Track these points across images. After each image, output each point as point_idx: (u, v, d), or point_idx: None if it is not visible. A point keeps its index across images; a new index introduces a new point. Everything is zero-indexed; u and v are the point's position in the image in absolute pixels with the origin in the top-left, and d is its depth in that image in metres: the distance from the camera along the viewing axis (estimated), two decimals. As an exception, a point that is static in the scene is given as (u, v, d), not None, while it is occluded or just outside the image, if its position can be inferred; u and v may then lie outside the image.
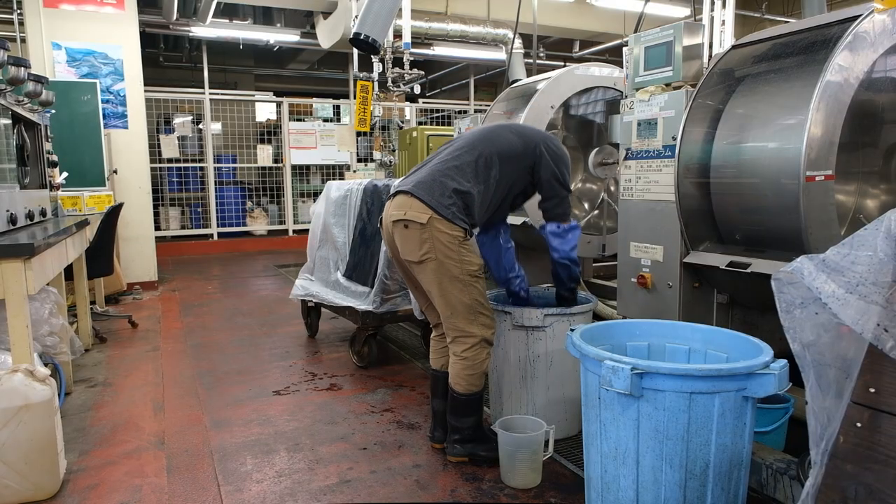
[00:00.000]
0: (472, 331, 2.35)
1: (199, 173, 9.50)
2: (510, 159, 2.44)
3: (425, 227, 2.26)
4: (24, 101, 3.35)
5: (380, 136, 6.83)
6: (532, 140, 2.50)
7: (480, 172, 2.39)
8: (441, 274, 2.30)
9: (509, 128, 2.56)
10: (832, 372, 1.29)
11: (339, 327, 4.59)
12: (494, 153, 2.42)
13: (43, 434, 2.22)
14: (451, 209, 2.28)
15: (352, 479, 2.35)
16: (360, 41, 4.24)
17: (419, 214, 2.27)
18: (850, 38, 2.04)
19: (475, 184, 2.36)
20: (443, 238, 2.26)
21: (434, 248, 2.27)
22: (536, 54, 7.89)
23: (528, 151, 2.47)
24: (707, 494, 1.68)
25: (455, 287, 2.31)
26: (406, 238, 2.32)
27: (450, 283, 2.31)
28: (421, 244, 2.28)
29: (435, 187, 2.30)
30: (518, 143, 2.47)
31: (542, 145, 2.47)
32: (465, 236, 2.32)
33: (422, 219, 2.26)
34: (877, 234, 1.20)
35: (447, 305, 2.34)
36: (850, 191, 2.42)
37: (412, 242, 2.30)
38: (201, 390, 3.35)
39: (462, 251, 2.30)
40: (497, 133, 2.51)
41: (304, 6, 8.37)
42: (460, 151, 2.42)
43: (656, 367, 1.62)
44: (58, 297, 3.38)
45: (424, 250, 2.28)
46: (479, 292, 2.35)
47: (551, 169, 2.46)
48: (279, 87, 12.07)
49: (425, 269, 2.31)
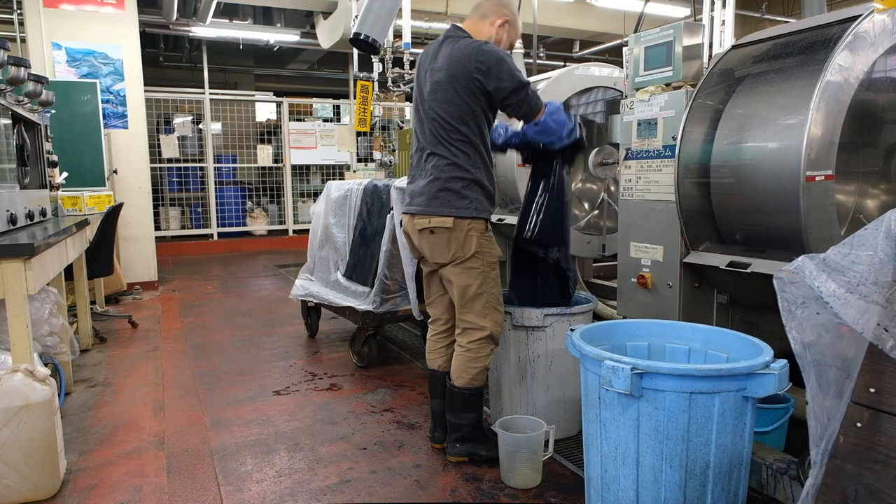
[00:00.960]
0: (483, 324, 2.38)
1: (199, 173, 9.50)
2: (461, 114, 2.32)
3: (451, 230, 2.33)
4: (24, 101, 3.35)
5: (380, 136, 6.83)
6: (460, 74, 2.30)
7: (461, 142, 2.33)
8: (467, 268, 2.36)
9: (433, 88, 2.36)
10: (832, 372, 1.29)
11: (339, 327, 4.59)
12: (449, 122, 2.32)
13: (43, 434, 2.22)
14: (470, 207, 2.32)
15: (352, 479, 2.35)
16: (360, 41, 4.24)
17: (444, 220, 2.34)
18: (850, 38, 2.04)
19: (469, 162, 2.33)
20: (468, 235, 2.33)
21: (462, 247, 2.34)
22: (536, 54, 7.88)
23: (466, 93, 2.30)
24: (707, 494, 1.68)
25: (477, 279, 2.36)
26: (434, 243, 2.38)
27: (473, 277, 2.36)
28: (449, 246, 2.35)
29: (440, 191, 2.33)
30: (453, 96, 2.31)
31: (473, 73, 2.28)
32: (486, 226, 2.38)
33: (447, 223, 2.33)
34: (877, 234, 1.20)
35: (464, 297, 2.38)
36: (850, 191, 2.43)
37: (440, 246, 2.36)
38: (201, 390, 3.35)
39: (484, 243, 2.36)
40: (431, 106, 2.36)
41: (304, 6, 8.36)
42: (431, 146, 2.37)
43: (656, 367, 1.62)
44: (58, 297, 3.38)
45: (453, 250, 2.35)
46: (496, 285, 2.40)
47: (494, 84, 2.28)
48: (279, 87, 12.07)
49: (455, 267, 2.38)
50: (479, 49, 2.28)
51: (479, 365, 2.41)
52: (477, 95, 2.31)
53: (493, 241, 2.42)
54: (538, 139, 2.48)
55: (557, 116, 2.41)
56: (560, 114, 2.43)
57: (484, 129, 2.38)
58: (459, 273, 2.37)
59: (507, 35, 2.46)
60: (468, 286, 2.37)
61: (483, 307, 2.38)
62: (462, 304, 2.40)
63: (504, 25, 2.44)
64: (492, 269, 2.39)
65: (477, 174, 2.35)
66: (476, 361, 2.40)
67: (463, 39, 2.35)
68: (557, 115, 2.42)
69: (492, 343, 2.42)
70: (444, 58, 2.35)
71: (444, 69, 2.33)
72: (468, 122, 2.33)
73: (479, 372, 2.41)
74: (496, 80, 2.28)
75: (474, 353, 2.40)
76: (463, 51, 2.30)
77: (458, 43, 2.34)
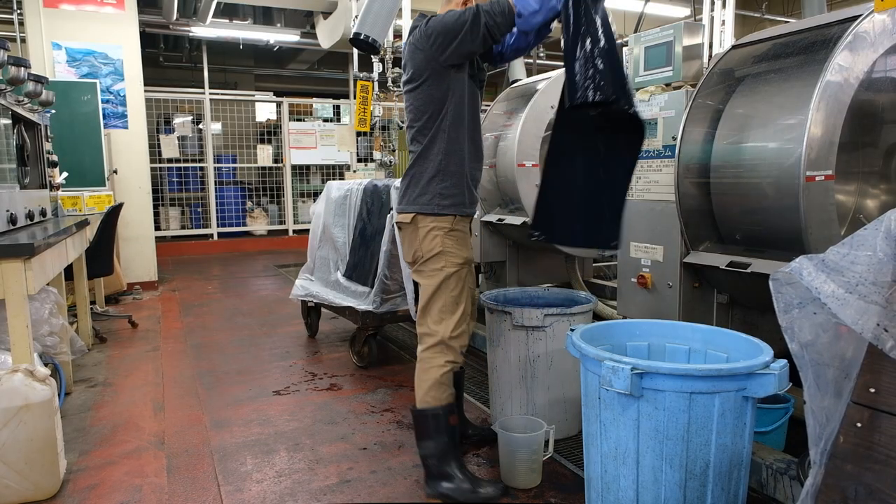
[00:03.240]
0: (435, 328, 2.16)
1: (199, 173, 9.50)
2: (421, 104, 2.14)
3: (410, 225, 2.19)
4: (24, 101, 3.35)
5: (380, 136, 6.84)
6: (414, 61, 2.12)
7: (428, 132, 2.13)
8: (427, 269, 2.18)
9: (404, 89, 2.22)
10: (830, 371, 1.29)
11: (339, 327, 4.59)
12: (413, 114, 2.16)
13: (43, 434, 2.22)
14: (431, 200, 2.13)
15: (352, 479, 2.35)
16: (360, 41, 4.24)
17: (405, 216, 2.21)
18: (850, 38, 2.04)
19: (434, 150, 2.13)
20: (427, 233, 2.15)
21: (421, 246, 2.17)
22: (536, 54, 7.88)
23: (423, 74, 2.10)
24: (707, 494, 1.68)
25: (433, 280, 2.16)
26: (402, 240, 2.30)
27: (430, 278, 2.17)
28: (410, 244, 2.22)
29: (408, 187, 2.21)
30: (413, 88, 2.15)
31: (425, 51, 2.07)
32: (453, 223, 2.15)
33: (407, 219, 2.20)
34: (877, 234, 1.20)
35: (424, 299, 2.19)
36: (850, 191, 2.42)
37: (405, 244, 2.26)
38: (201, 390, 3.35)
39: (447, 242, 2.14)
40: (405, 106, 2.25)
41: (304, 6, 8.36)
42: (409, 145, 2.24)
43: (656, 367, 1.62)
44: (58, 297, 3.38)
45: (413, 249, 2.20)
46: (458, 289, 2.16)
47: (438, 41, 2.04)
48: (279, 87, 12.06)
49: (419, 268, 2.23)
50: (425, 25, 2.08)
51: (430, 377, 2.12)
52: (438, 71, 2.08)
53: (461, 241, 2.20)
54: (529, 26, 2.04)
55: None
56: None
57: (454, 109, 2.13)
58: (420, 275, 2.21)
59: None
60: (426, 287, 2.18)
61: (439, 311, 2.15)
62: (421, 307, 2.20)
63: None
64: (457, 270, 2.16)
65: (445, 162, 2.14)
66: (427, 373, 2.14)
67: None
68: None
69: (446, 353, 2.14)
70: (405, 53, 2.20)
71: (405, 63, 2.20)
72: (429, 109, 2.13)
73: (430, 386, 2.12)
74: (439, 38, 2.03)
75: (425, 364, 2.15)
76: (413, 36, 2.13)
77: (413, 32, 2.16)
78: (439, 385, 2.12)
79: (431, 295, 2.17)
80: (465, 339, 2.21)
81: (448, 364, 2.14)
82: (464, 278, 2.20)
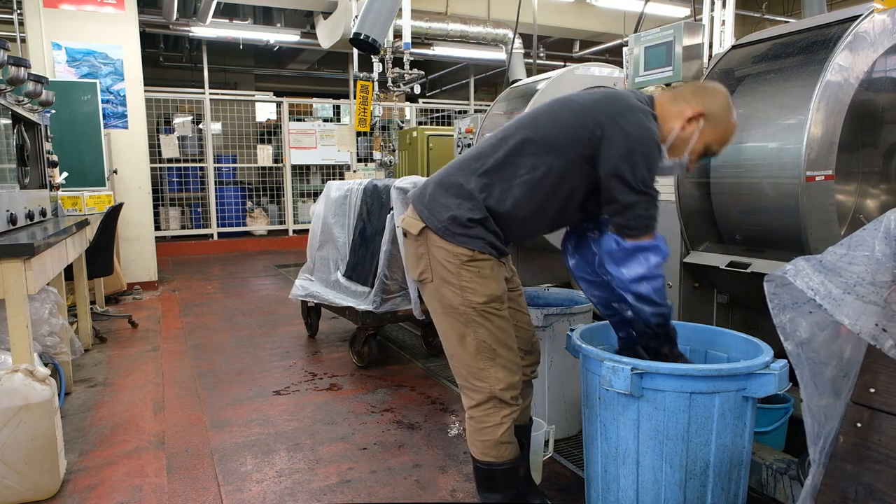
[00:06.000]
0: (478, 384, 1.76)
1: (199, 173, 9.50)
2: (553, 147, 1.71)
3: (419, 238, 1.77)
4: (24, 101, 3.35)
5: (380, 136, 6.84)
6: (590, 116, 1.70)
7: (506, 168, 1.73)
8: (439, 301, 1.77)
9: (568, 101, 1.79)
10: (828, 370, 1.29)
11: (339, 327, 4.59)
12: (528, 139, 1.73)
13: (43, 434, 2.22)
14: (447, 225, 1.72)
15: (352, 479, 2.35)
16: (360, 41, 4.25)
17: (414, 222, 1.79)
18: (850, 38, 2.04)
19: (494, 185, 1.73)
20: (439, 255, 1.73)
21: (430, 266, 1.76)
22: (536, 54, 7.89)
23: (581, 134, 1.69)
24: (707, 494, 1.68)
25: (455, 322, 1.75)
26: (406, 249, 1.89)
27: (447, 316, 1.76)
28: (418, 260, 1.80)
29: (433, 194, 1.78)
30: (570, 123, 1.72)
31: (605, 124, 1.67)
32: (474, 255, 1.72)
33: (415, 228, 1.78)
34: (875, 235, 1.20)
35: (447, 344, 1.80)
36: (850, 191, 2.43)
37: (411, 256, 1.83)
38: (201, 390, 3.35)
39: (463, 274, 1.71)
40: (546, 110, 1.81)
41: (304, 6, 8.37)
42: (491, 140, 1.80)
43: (656, 367, 1.62)
44: (58, 297, 3.38)
45: (422, 268, 1.78)
46: (488, 333, 1.73)
47: (613, 161, 1.66)
48: (279, 87, 12.07)
49: (426, 291, 1.82)
50: (625, 119, 1.67)
51: (490, 438, 1.76)
52: (579, 163, 1.72)
53: (480, 274, 1.72)
54: (608, 265, 1.76)
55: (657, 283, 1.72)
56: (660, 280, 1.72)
57: (568, 182, 1.74)
58: (431, 301, 1.81)
59: (701, 134, 1.74)
60: (447, 332, 1.78)
61: (471, 359, 1.75)
62: (448, 355, 1.82)
63: (695, 120, 1.73)
64: (478, 313, 1.73)
65: (481, 197, 1.74)
66: (483, 434, 1.77)
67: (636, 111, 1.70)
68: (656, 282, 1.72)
69: (501, 407, 1.75)
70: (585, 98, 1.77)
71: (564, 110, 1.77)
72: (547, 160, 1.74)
73: (492, 445, 1.77)
74: (627, 157, 1.66)
75: (478, 423, 1.78)
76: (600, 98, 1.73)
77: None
78: (498, 445, 1.77)
79: (456, 339, 1.76)
80: (518, 386, 1.80)
81: (506, 419, 1.77)
82: (494, 315, 1.75)
